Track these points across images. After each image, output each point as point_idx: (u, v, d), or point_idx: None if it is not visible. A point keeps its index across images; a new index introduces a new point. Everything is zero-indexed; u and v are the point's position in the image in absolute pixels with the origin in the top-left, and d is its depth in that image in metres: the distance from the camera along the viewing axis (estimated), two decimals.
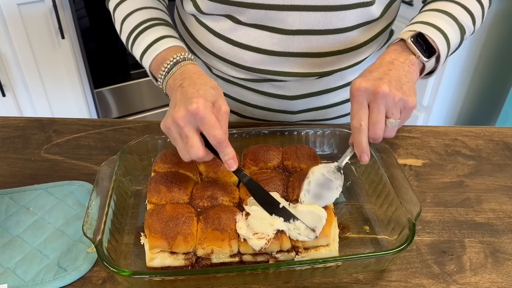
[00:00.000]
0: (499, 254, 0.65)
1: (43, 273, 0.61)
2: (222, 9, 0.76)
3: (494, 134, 0.90)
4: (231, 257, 0.61)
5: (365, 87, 0.61)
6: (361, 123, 0.61)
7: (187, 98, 0.60)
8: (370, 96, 0.61)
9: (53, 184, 0.75)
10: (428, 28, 0.68)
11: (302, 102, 0.87)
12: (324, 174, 0.65)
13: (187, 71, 0.66)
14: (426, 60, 0.66)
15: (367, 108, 0.62)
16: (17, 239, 0.66)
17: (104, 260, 0.55)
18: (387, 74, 0.62)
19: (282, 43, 0.76)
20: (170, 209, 0.62)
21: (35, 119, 0.92)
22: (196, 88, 0.61)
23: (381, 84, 0.60)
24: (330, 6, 0.72)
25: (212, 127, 0.58)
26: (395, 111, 0.62)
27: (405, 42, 0.67)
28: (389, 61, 0.65)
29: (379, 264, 0.61)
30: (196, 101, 0.58)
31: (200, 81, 0.63)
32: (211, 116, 0.58)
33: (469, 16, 0.73)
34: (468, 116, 2.14)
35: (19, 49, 1.79)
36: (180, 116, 0.59)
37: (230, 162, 0.61)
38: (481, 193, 0.76)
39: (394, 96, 0.60)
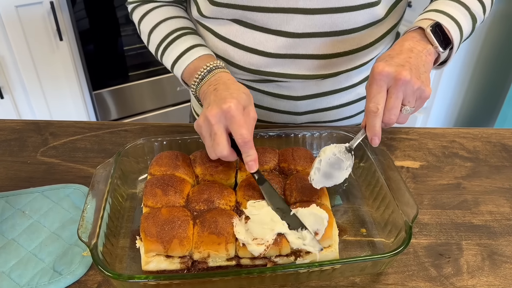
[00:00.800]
0: (497, 257, 0.65)
1: (38, 277, 0.60)
2: (227, 14, 0.76)
3: (491, 136, 0.90)
4: (228, 261, 0.61)
5: (387, 71, 0.61)
6: (378, 107, 0.62)
7: (220, 98, 0.63)
8: (391, 81, 0.62)
9: (49, 187, 0.75)
10: (443, 17, 0.69)
11: (307, 103, 0.86)
12: (336, 154, 0.66)
13: (221, 77, 0.69)
14: (443, 51, 0.67)
15: (385, 92, 0.63)
16: (12, 242, 0.65)
17: (99, 264, 0.55)
18: (408, 62, 0.63)
19: (287, 46, 0.76)
20: (166, 212, 0.62)
21: (32, 122, 0.92)
22: (230, 92, 0.64)
23: (403, 71, 0.61)
24: (335, 8, 0.72)
25: (241, 126, 0.61)
26: (411, 99, 0.63)
27: (423, 30, 0.67)
28: (408, 48, 0.65)
29: (375, 267, 0.61)
30: (229, 101, 0.62)
31: (234, 86, 0.66)
32: (242, 117, 0.62)
33: (480, 5, 0.74)
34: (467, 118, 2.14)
35: (17, 51, 1.79)
36: (212, 114, 0.62)
37: (251, 164, 0.63)
38: (478, 195, 0.76)
39: (414, 84, 0.61)
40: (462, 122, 2.14)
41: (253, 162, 0.63)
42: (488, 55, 1.95)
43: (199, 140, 0.77)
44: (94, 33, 1.96)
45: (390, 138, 0.88)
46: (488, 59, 1.97)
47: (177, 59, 0.76)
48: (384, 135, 0.88)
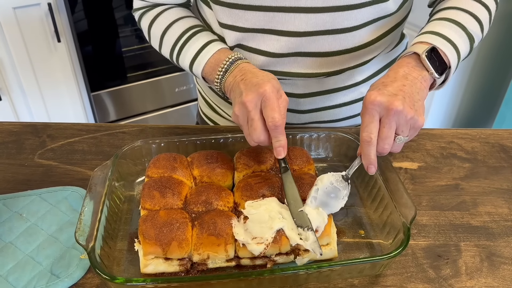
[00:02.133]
0: (495, 258, 0.65)
1: (36, 280, 0.60)
2: (225, 14, 0.76)
3: (490, 137, 0.90)
4: (227, 262, 0.61)
5: (379, 101, 0.61)
6: (371, 136, 0.62)
7: (254, 85, 0.64)
8: (383, 111, 0.61)
9: (46, 189, 0.74)
10: (439, 40, 0.68)
11: (310, 101, 0.86)
12: (333, 183, 0.66)
13: (245, 67, 0.70)
14: (438, 77, 0.67)
15: (378, 122, 0.62)
16: (9, 245, 0.65)
17: (96, 267, 0.54)
18: (402, 90, 0.63)
19: (289, 45, 0.77)
20: (164, 214, 0.62)
21: (29, 124, 0.91)
22: (261, 77, 0.65)
23: (395, 101, 0.61)
24: (336, 7, 0.72)
25: (273, 110, 0.61)
26: (405, 129, 0.63)
27: (419, 56, 0.66)
28: (402, 75, 0.65)
29: (374, 269, 0.61)
30: (264, 85, 0.63)
31: (261, 74, 0.67)
32: (276, 100, 0.62)
33: (478, 24, 0.73)
34: (465, 118, 2.14)
35: (15, 52, 1.79)
36: (249, 99, 0.63)
37: (279, 150, 0.63)
38: (476, 196, 0.76)
39: (406, 114, 0.61)
40: (460, 123, 2.14)
41: (282, 148, 0.63)
42: (486, 56, 1.95)
43: (197, 142, 0.77)
44: (92, 35, 1.95)
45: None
46: (486, 60, 1.97)
47: (195, 56, 0.76)
48: None
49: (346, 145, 0.79)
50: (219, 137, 0.78)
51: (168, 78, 2.24)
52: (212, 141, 0.78)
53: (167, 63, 2.20)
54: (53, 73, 1.93)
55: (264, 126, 0.63)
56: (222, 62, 0.72)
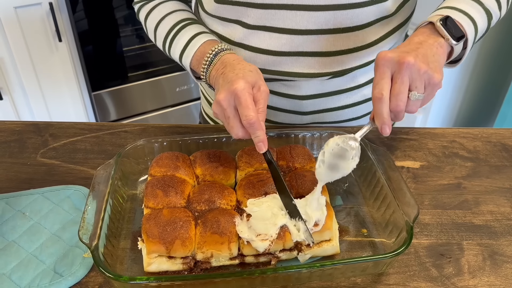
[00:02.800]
0: (498, 257, 0.65)
1: (39, 278, 0.60)
2: (230, 12, 0.77)
3: (491, 136, 0.90)
4: (231, 260, 0.61)
5: (390, 56, 0.61)
6: (382, 93, 0.60)
7: (228, 81, 0.63)
8: (395, 66, 0.60)
9: (49, 188, 0.74)
10: (455, 13, 0.68)
11: (313, 103, 0.86)
12: (339, 144, 0.62)
13: (226, 59, 0.70)
14: (455, 43, 0.65)
15: (389, 78, 0.61)
16: (13, 244, 0.65)
17: (100, 265, 0.55)
18: (415, 51, 0.62)
19: (291, 44, 0.76)
20: (167, 213, 0.62)
21: (31, 123, 0.92)
22: (236, 72, 0.65)
23: (407, 56, 0.60)
24: (339, 5, 0.72)
25: (245, 108, 0.61)
26: (419, 84, 0.61)
27: (434, 25, 0.66)
28: (417, 41, 0.64)
29: (377, 268, 0.61)
30: (236, 82, 0.62)
31: (239, 66, 0.66)
32: (247, 97, 0.61)
33: (495, 1, 0.72)
34: (466, 117, 2.14)
35: (16, 52, 1.79)
36: (221, 98, 0.62)
37: (260, 145, 0.63)
38: (479, 195, 0.76)
39: (419, 67, 0.60)
40: (461, 122, 2.14)
41: (262, 143, 0.62)
42: (487, 55, 1.95)
43: (200, 141, 0.77)
44: (93, 34, 1.95)
45: (391, 138, 0.88)
46: (487, 59, 1.97)
47: (184, 48, 0.76)
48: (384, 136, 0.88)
49: None
50: (221, 136, 0.78)
51: (168, 78, 2.24)
52: (214, 140, 0.78)
53: (168, 63, 2.20)
54: (54, 72, 1.93)
55: (240, 123, 0.63)
56: (206, 55, 0.72)
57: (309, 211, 0.62)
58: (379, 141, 0.87)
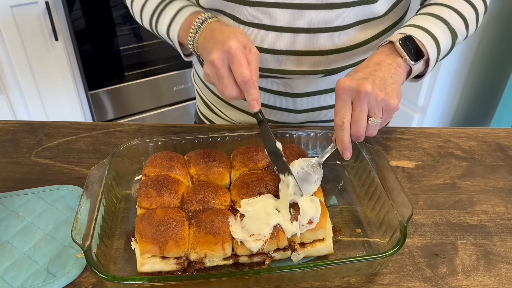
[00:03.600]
0: (492, 257, 0.65)
1: (32, 279, 0.60)
2: (224, 7, 0.77)
3: (487, 135, 0.90)
4: (224, 260, 0.61)
5: (349, 85, 0.63)
6: (343, 121, 0.63)
7: (219, 42, 0.64)
8: (354, 94, 0.63)
9: (43, 188, 0.74)
10: (418, 31, 0.69)
11: (307, 101, 0.86)
12: (304, 167, 0.67)
13: (214, 26, 0.70)
14: (413, 63, 0.68)
15: (350, 106, 0.64)
16: (6, 244, 0.65)
17: (92, 266, 0.54)
18: (373, 75, 0.64)
19: (284, 42, 0.77)
20: (161, 213, 0.62)
21: (26, 123, 0.91)
22: (227, 34, 0.65)
23: (364, 84, 0.62)
24: (330, 4, 0.72)
25: (240, 66, 0.61)
26: (377, 111, 0.64)
27: (394, 44, 0.68)
28: (376, 62, 0.67)
29: (370, 268, 0.61)
30: (228, 41, 0.62)
31: (228, 30, 0.67)
32: (241, 56, 0.62)
33: (462, 20, 0.74)
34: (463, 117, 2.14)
35: (12, 51, 1.78)
36: (215, 57, 0.63)
37: (253, 103, 0.63)
38: (473, 195, 0.76)
39: (376, 95, 0.62)
40: (458, 122, 2.15)
41: (255, 102, 0.63)
42: (484, 55, 1.95)
43: (194, 140, 0.77)
44: (90, 33, 1.95)
45: (386, 138, 0.88)
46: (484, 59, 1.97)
47: (170, 22, 0.76)
48: (379, 135, 0.88)
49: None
50: (216, 136, 0.78)
51: (166, 77, 2.23)
52: (209, 140, 0.78)
53: (165, 62, 2.20)
54: (50, 71, 1.92)
55: (234, 82, 0.63)
56: (192, 24, 0.72)
57: (304, 208, 0.62)
58: (374, 141, 0.87)
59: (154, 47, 2.17)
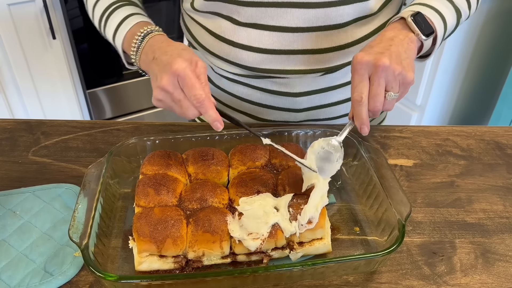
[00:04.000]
0: (490, 255, 0.65)
1: (29, 278, 0.60)
2: (220, 8, 0.76)
3: (485, 134, 0.90)
4: (222, 259, 0.61)
5: (367, 60, 0.62)
6: (362, 96, 0.63)
7: (164, 65, 0.61)
8: (371, 69, 0.62)
9: (40, 187, 0.74)
10: (426, 9, 0.70)
11: (307, 100, 0.86)
12: (324, 147, 0.66)
13: (155, 41, 0.67)
14: (425, 38, 0.68)
15: (368, 81, 0.63)
16: (3, 243, 0.65)
17: (90, 264, 0.54)
18: (388, 50, 0.64)
19: (282, 41, 0.76)
20: (159, 212, 0.61)
21: (23, 121, 0.91)
22: (170, 54, 0.62)
23: (382, 58, 0.62)
24: (329, 2, 0.72)
25: (192, 87, 0.59)
26: (394, 85, 0.63)
27: (405, 20, 0.68)
28: (389, 37, 0.66)
29: (369, 266, 0.60)
30: (174, 63, 0.60)
31: (170, 48, 0.64)
32: (191, 76, 0.60)
33: (465, 0, 0.75)
34: (461, 116, 2.15)
35: (9, 49, 1.78)
36: (165, 83, 0.60)
37: (215, 125, 0.61)
38: (472, 193, 0.76)
39: (394, 69, 0.62)
40: (456, 120, 2.15)
41: (217, 123, 0.61)
42: (483, 53, 1.96)
43: (192, 139, 0.77)
44: (88, 32, 1.94)
45: (384, 137, 0.88)
46: (482, 57, 1.97)
47: (116, 30, 0.74)
48: (377, 133, 0.88)
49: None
50: (214, 134, 0.77)
51: None
52: (207, 138, 0.77)
53: None
54: (48, 70, 1.92)
55: None
56: (135, 37, 0.70)
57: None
58: (373, 139, 0.87)
59: None
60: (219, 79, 0.88)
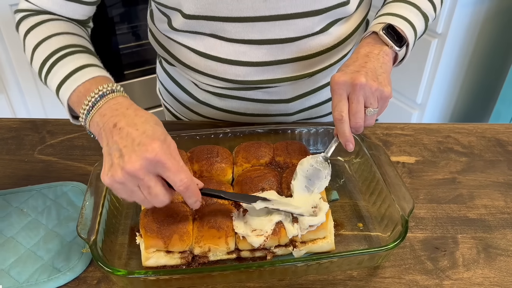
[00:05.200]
0: (492, 250, 0.66)
1: (38, 274, 0.61)
2: (203, 27, 0.74)
3: (486, 131, 0.91)
4: (228, 254, 0.62)
5: (343, 80, 0.64)
6: (342, 114, 0.64)
7: (137, 144, 0.52)
8: (349, 88, 0.64)
9: (47, 185, 0.75)
10: (396, 19, 0.71)
11: (298, 103, 0.87)
12: (313, 164, 0.68)
13: (119, 106, 0.57)
14: (398, 49, 0.70)
15: (346, 99, 0.65)
16: (11, 240, 0.65)
17: (98, 260, 0.55)
18: (364, 67, 0.65)
19: (272, 53, 0.76)
20: (165, 208, 0.62)
21: (29, 120, 0.92)
22: (142, 130, 0.53)
23: (358, 76, 0.63)
24: (315, 11, 0.72)
25: (178, 172, 0.53)
26: (373, 101, 0.65)
27: (377, 34, 0.70)
28: (364, 54, 0.68)
29: (372, 261, 0.61)
30: (151, 146, 0.51)
31: (140, 120, 0.55)
32: (173, 161, 0.53)
33: (430, 4, 0.76)
34: (462, 114, 2.16)
35: (12, 49, 1.78)
36: (137, 167, 0.51)
37: (197, 204, 0.57)
38: (473, 190, 0.77)
39: (371, 86, 0.63)
40: (456, 119, 2.16)
41: (199, 203, 0.57)
42: (482, 52, 1.96)
43: (197, 137, 0.78)
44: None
45: (386, 134, 0.89)
46: (481, 56, 1.98)
47: (64, 79, 0.62)
48: (379, 131, 0.89)
49: None
50: (218, 132, 0.78)
51: None
52: (211, 136, 0.78)
53: None
54: None
55: (165, 187, 0.54)
56: (90, 94, 0.58)
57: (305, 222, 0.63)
58: (375, 137, 0.88)
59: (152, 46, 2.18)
60: (204, 94, 0.87)
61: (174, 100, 0.97)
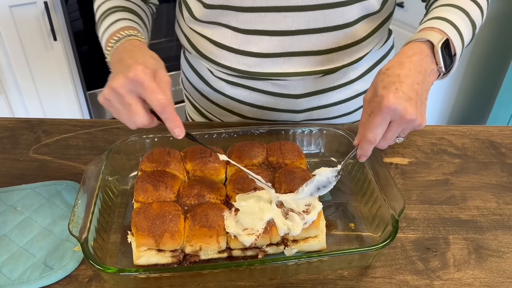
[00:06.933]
0: (483, 251, 0.66)
1: (30, 271, 0.61)
2: (220, 16, 0.76)
3: (480, 133, 0.91)
4: (219, 253, 0.62)
5: (396, 108, 0.58)
6: (376, 138, 0.60)
7: (125, 66, 0.59)
8: (397, 117, 0.59)
9: (41, 184, 0.75)
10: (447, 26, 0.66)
11: (307, 101, 0.87)
12: (330, 181, 0.65)
13: (129, 45, 0.66)
14: (445, 72, 0.65)
15: (387, 126, 0.60)
16: (3, 238, 0.66)
17: (89, 258, 0.55)
18: (415, 91, 0.60)
19: (282, 45, 0.77)
20: (157, 207, 0.63)
21: (24, 120, 0.92)
22: (135, 58, 0.60)
23: (411, 110, 0.58)
24: (327, 4, 0.73)
25: (154, 92, 0.56)
26: (407, 132, 0.62)
27: (433, 46, 0.64)
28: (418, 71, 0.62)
29: (363, 260, 0.62)
30: (134, 68, 0.57)
31: (139, 53, 0.62)
32: (152, 82, 0.57)
33: (479, 10, 0.72)
34: (459, 117, 2.16)
35: (11, 51, 1.79)
36: (118, 84, 0.57)
37: (177, 131, 0.59)
38: (466, 191, 0.77)
39: (414, 121, 0.59)
40: (454, 121, 2.16)
41: (179, 129, 0.59)
42: (480, 56, 1.97)
43: None
44: (88, 33, 1.96)
45: None
46: (480, 60, 1.98)
47: (104, 30, 0.73)
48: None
49: (338, 141, 0.80)
50: (212, 132, 0.79)
51: None
52: (205, 136, 0.78)
53: None
54: (49, 71, 1.93)
55: (145, 109, 0.58)
56: (113, 38, 0.69)
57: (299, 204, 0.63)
58: None
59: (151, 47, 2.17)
60: (218, 83, 0.89)
61: (192, 89, 0.99)
